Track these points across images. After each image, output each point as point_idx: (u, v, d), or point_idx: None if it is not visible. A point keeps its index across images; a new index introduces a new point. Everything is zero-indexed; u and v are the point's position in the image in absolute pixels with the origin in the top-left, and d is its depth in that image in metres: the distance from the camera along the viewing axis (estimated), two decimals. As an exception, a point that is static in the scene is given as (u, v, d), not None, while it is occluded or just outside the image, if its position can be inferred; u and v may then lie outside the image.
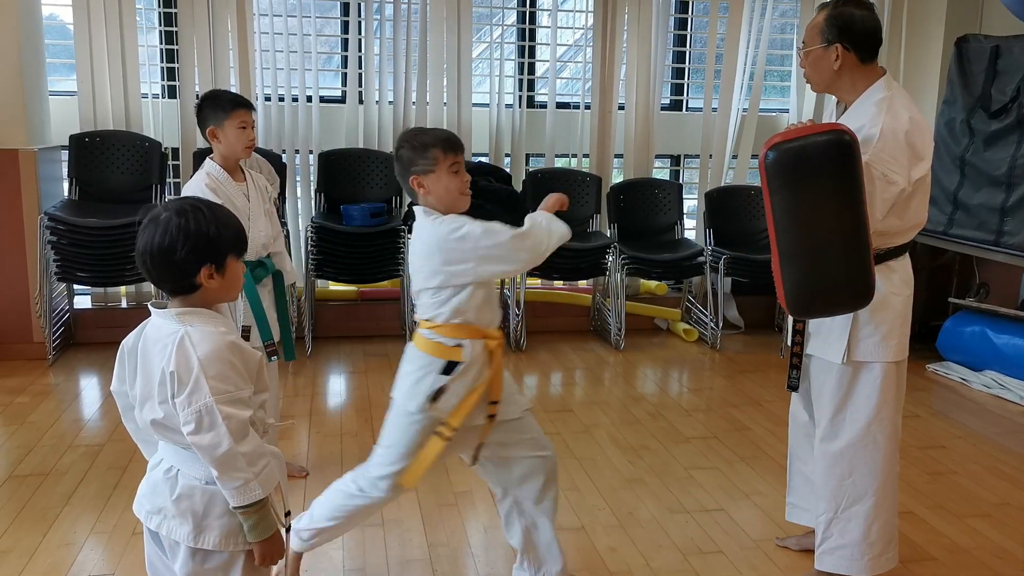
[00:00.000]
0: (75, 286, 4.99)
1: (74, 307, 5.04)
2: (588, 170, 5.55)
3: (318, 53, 5.26)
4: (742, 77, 5.64)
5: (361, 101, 5.31)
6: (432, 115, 5.32)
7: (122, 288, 5.12)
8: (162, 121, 5.08)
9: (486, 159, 5.50)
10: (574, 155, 5.65)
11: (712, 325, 5.32)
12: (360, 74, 5.29)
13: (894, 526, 2.60)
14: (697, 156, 5.81)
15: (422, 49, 5.24)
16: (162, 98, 5.14)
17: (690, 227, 5.82)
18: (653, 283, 5.70)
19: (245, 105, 3.02)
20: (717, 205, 5.49)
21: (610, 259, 5.19)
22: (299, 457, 3.54)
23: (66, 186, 4.88)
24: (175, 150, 5.08)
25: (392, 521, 3.03)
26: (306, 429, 3.86)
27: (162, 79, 5.19)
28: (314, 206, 5.05)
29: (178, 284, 1.69)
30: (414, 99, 5.29)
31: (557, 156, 5.61)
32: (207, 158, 3.04)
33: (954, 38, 5.03)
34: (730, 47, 5.59)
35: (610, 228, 5.42)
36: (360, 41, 5.27)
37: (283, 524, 1.81)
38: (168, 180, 5.01)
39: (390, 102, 5.30)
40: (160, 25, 5.16)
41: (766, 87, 5.94)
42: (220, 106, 2.98)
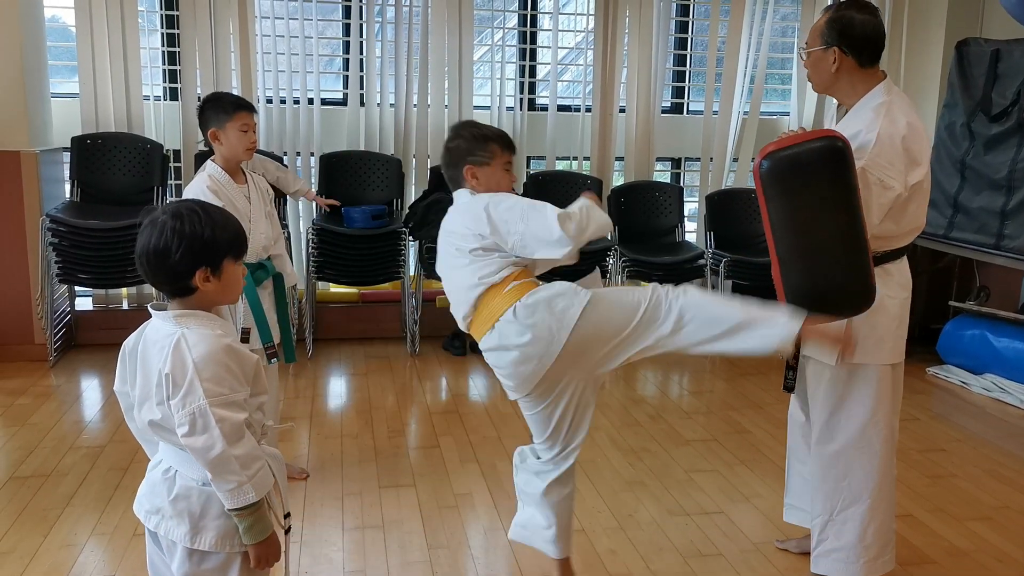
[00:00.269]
0: (76, 288, 4.99)
1: (75, 309, 5.05)
2: (589, 173, 5.55)
3: (319, 55, 5.27)
4: (743, 80, 5.65)
5: (362, 103, 5.32)
6: (433, 117, 5.33)
7: (123, 290, 5.13)
8: (163, 123, 5.09)
9: (487, 161, 5.50)
10: (575, 158, 5.65)
11: (712, 328, 5.31)
12: (361, 76, 5.30)
13: (891, 529, 2.60)
14: (698, 159, 5.81)
15: (423, 52, 5.25)
16: (164, 100, 5.15)
17: (691, 230, 5.82)
18: (654, 286, 5.70)
19: (247, 107, 3.03)
20: (718, 208, 5.49)
21: (611, 261, 5.19)
22: (299, 459, 3.55)
23: (68, 188, 4.89)
24: (176, 152, 5.09)
25: (392, 523, 3.03)
26: (307, 431, 3.86)
27: (164, 81, 5.20)
28: (315, 208, 5.06)
29: (174, 286, 1.70)
30: (415, 101, 5.30)
31: (558, 159, 5.62)
32: (208, 160, 3.05)
33: (955, 41, 5.03)
34: (731, 50, 5.60)
35: (611, 230, 5.42)
36: (361, 44, 5.28)
37: (282, 525, 1.82)
38: (169, 182, 5.02)
39: (391, 104, 5.31)
40: (162, 27, 5.17)
41: (767, 90, 5.95)
42: (222, 108, 2.98)
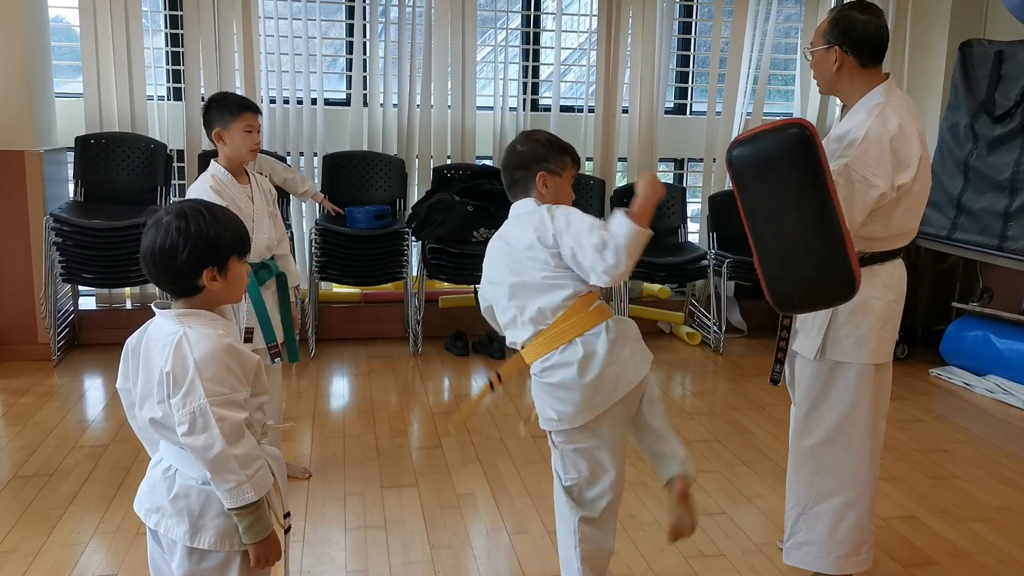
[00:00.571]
0: (80, 287, 5.00)
1: (79, 308, 5.06)
2: (592, 173, 5.55)
3: (323, 56, 5.28)
4: (746, 81, 5.64)
5: (366, 104, 5.33)
6: (436, 118, 5.33)
7: (127, 289, 5.14)
8: (167, 123, 5.10)
9: (490, 162, 5.51)
10: (578, 158, 5.65)
11: (715, 329, 5.33)
12: (365, 77, 5.30)
13: (867, 529, 2.59)
14: (701, 160, 5.81)
15: (426, 52, 5.26)
16: (167, 100, 5.16)
17: (693, 231, 5.82)
18: (656, 286, 5.71)
19: (252, 108, 3.04)
20: (720, 209, 5.49)
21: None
22: (302, 459, 3.55)
23: (72, 187, 4.90)
24: (180, 152, 5.10)
25: (394, 523, 3.03)
26: (309, 431, 3.86)
27: (167, 81, 5.21)
28: (318, 208, 5.06)
29: (180, 286, 1.70)
30: (418, 102, 5.30)
31: (561, 159, 5.61)
32: (212, 160, 3.05)
33: (958, 43, 5.03)
34: (734, 51, 5.60)
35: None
36: (365, 44, 5.28)
37: (283, 525, 1.82)
38: (173, 182, 5.03)
39: (394, 105, 5.31)
40: (166, 27, 5.18)
41: (770, 91, 5.94)
42: (227, 109, 2.99)
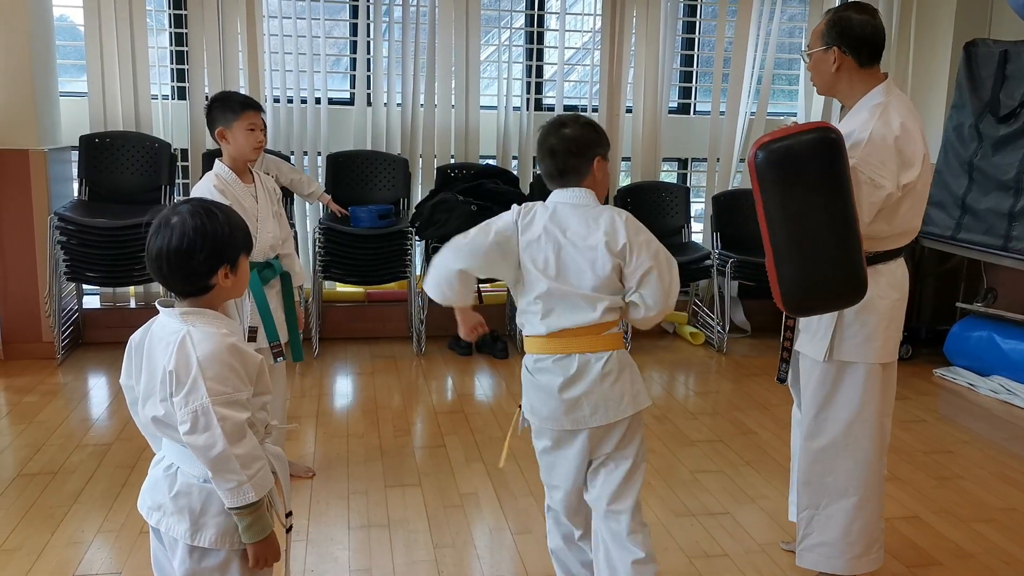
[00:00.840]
0: (84, 286, 5.01)
1: (83, 307, 5.06)
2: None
3: (327, 55, 5.28)
4: (750, 80, 5.64)
5: (369, 103, 5.33)
6: (440, 117, 5.33)
7: (131, 288, 5.15)
8: (171, 122, 5.10)
9: (493, 161, 5.51)
10: (581, 158, 5.64)
11: (719, 328, 5.32)
12: (368, 76, 5.30)
13: (878, 528, 2.59)
14: (704, 159, 5.81)
15: (430, 51, 5.26)
16: (171, 99, 5.17)
17: (697, 230, 5.82)
18: (660, 286, 5.69)
19: (255, 107, 3.04)
20: (724, 209, 5.49)
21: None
22: (305, 458, 3.55)
23: (76, 186, 4.90)
24: (184, 151, 5.10)
25: (398, 522, 3.04)
26: (313, 430, 3.87)
27: (172, 80, 5.21)
28: (322, 208, 5.07)
29: (194, 286, 1.70)
30: (422, 101, 5.30)
31: (564, 159, 5.61)
32: (216, 160, 3.06)
33: (963, 42, 5.01)
34: (738, 50, 5.59)
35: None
36: (369, 43, 5.29)
37: (284, 524, 1.82)
38: (177, 181, 5.04)
39: (398, 104, 5.31)
40: (170, 27, 5.19)
41: (774, 90, 5.93)
42: (230, 107, 2.99)
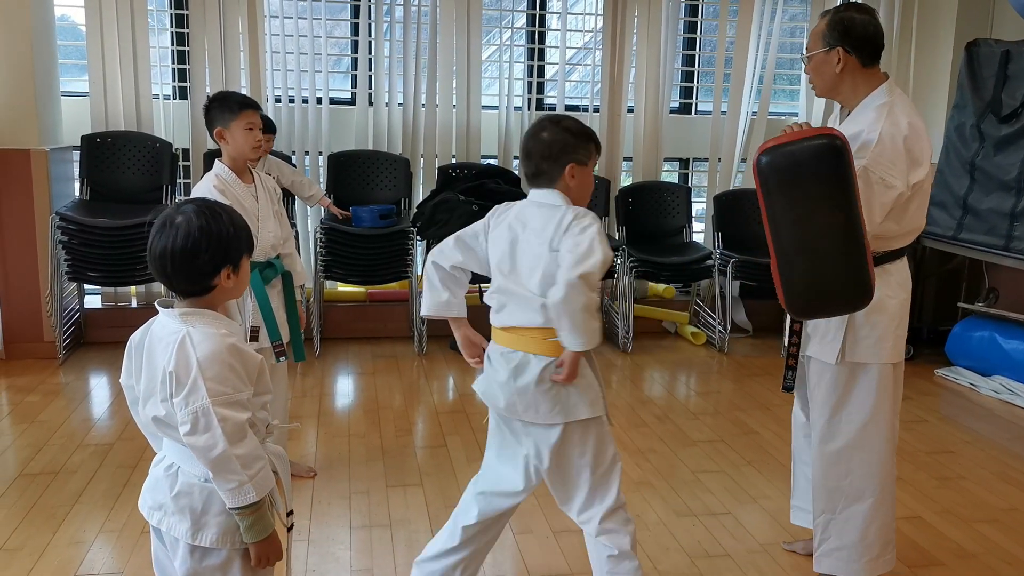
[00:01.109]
0: (85, 286, 5.01)
1: (84, 307, 5.07)
2: (597, 173, 5.53)
3: (328, 55, 5.29)
4: (751, 80, 5.63)
5: (371, 103, 5.33)
6: (441, 117, 5.33)
7: (132, 288, 5.14)
8: (173, 122, 5.11)
9: (495, 161, 5.51)
10: (583, 158, 5.64)
11: (720, 329, 5.32)
12: (370, 76, 5.30)
13: (892, 528, 2.60)
14: (706, 159, 5.81)
15: (432, 51, 5.26)
16: (173, 99, 5.17)
17: (699, 230, 5.82)
18: (661, 286, 5.70)
19: (253, 106, 3.04)
20: (726, 208, 5.49)
21: (618, 262, 5.19)
22: (307, 458, 3.55)
23: (77, 186, 4.91)
24: (186, 151, 5.11)
25: (399, 522, 3.03)
26: (314, 430, 3.87)
27: (173, 80, 5.22)
28: (323, 208, 5.06)
29: (197, 286, 1.70)
30: (423, 101, 5.30)
31: (566, 159, 5.61)
32: (216, 160, 3.06)
33: (964, 42, 5.01)
34: (739, 50, 5.59)
35: (618, 231, 5.42)
36: (370, 43, 5.29)
37: (285, 524, 1.82)
38: (179, 181, 5.04)
39: (399, 104, 5.31)
40: (171, 26, 5.19)
41: (775, 90, 5.93)
42: (228, 107, 2.99)
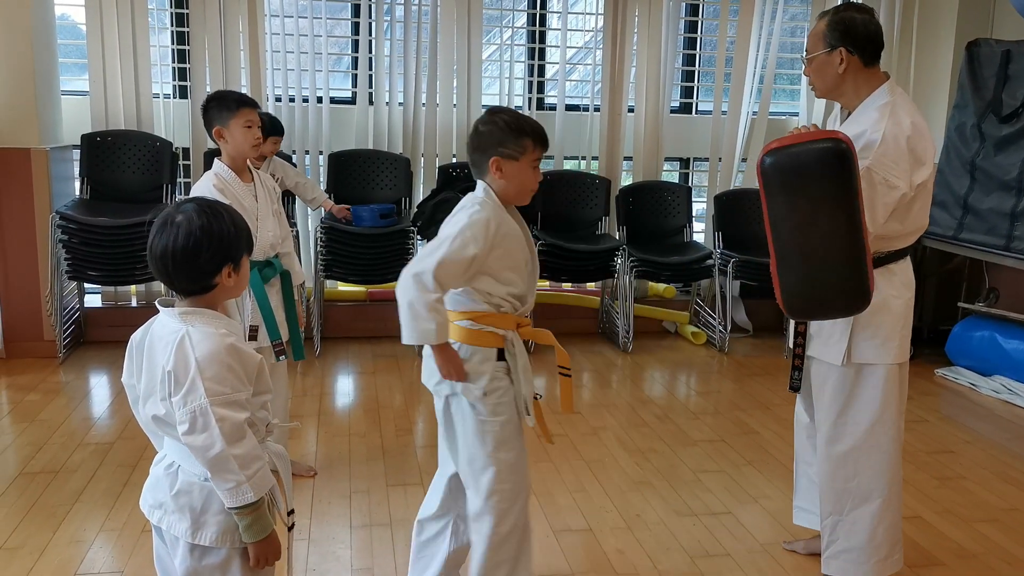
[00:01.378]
0: (86, 285, 5.01)
1: (84, 306, 5.06)
2: (597, 172, 5.55)
3: (328, 54, 5.28)
4: (752, 80, 5.63)
5: (371, 102, 5.33)
6: (442, 117, 5.33)
7: (132, 287, 5.14)
8: (173, 121, 5.11)
9: (495, 161, 5.50)
10: (583, 157, 5.65)
11: (720, 328, 5.32)
12: (370, 75, 5.30)
13: (899, 529, 2.60)
14: (706, 159, 5.80)
15: (432, 51, 5.26)
16: (173, 98, 5.17)
17: (699, 230, 5.82)
18: (661, 286, 5.70)
19: (250, 104, 3.04)
20: (726, 208, 5.48)
21: (619, 262, 5.19)
22: (307, 457, 3.55)
23: (78, 185, 4.90)
24: (186, 150, 5.11)
25: (400, 521, 3.03)
26: (314, 429, 3.87)
27: (173, 79, 5.21)
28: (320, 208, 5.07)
29: (197, 285, 1.70)
30: (424, 100, 5.30)
31: (566, 158, 5.62)
32: (215, 159, 3.06)
33: (965, 42, 5.01)
34: (740, 50, 5.59)
35: (619, 231, 5.42)
36: (370, 42, 5.29)
37: (286, 523, 1.82)
38: (179, 180, 5.04)
39: (400, 103, 5.31)
40: (172, 25, 5.19)
41: (776, 90, 5.93)
42: (226, 106, 3.00)
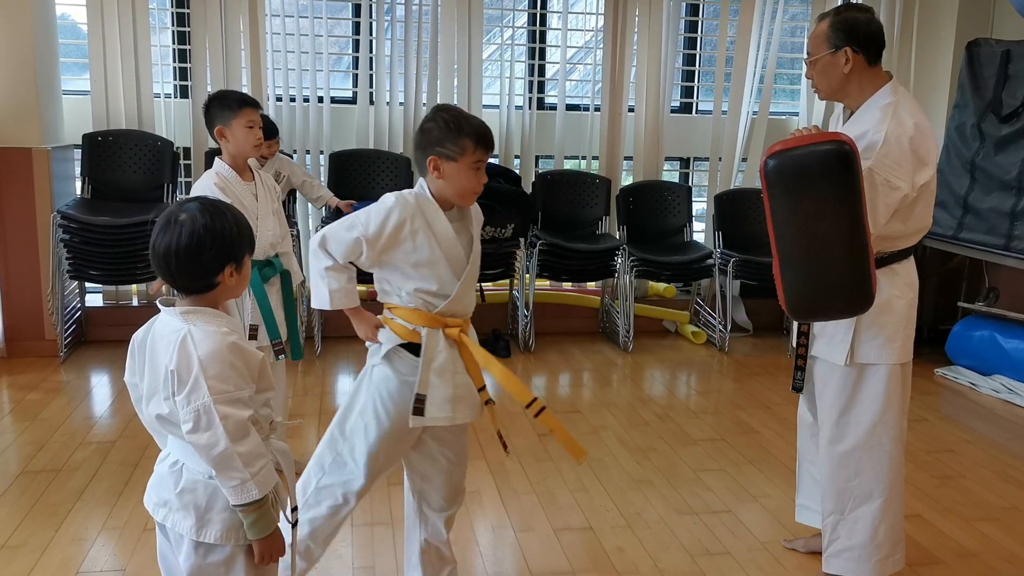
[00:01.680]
0: (87, 284, 5.02)
1: (86, 305, 5.07)
2: (598, 172, 5.55)
3: (329, 54, 5.29)
4: (752, 80, 5.64)
5: (372, 102, 5.33)
6: (442, 116, 5.32)
7: (133, 286, 5.13)
8: (174, 121, 5.11)
9: (496, 160, 5.51)
10: (583, 157, 5.66)
11: (720, 328, 5.33)
12: (371, 75, 5.31)
13: (900, 528, 2.61)
14: (707, 159, 5.81)
15: (433, 50, 5.26)
16: (174, 98, 5.17)
17: (699, 230, 5.82)
18: (662, 285, 5.71)
19: (252, 104, 3.05)
20: (726, 208, 5.49)
21: (619, 261, 5.19)
22: (308, 456, 3.55)
23: (79, 185, 4.91)
24: (187, 150, 5.11)
25: (401, 520, 3.03)
26: (315, 428, 3.88)
27: (174, 79, 5.22)
28: (325, 206, 5.06)
29: (199, 283, 1.70)
30: (424, 100, 5.30)
31: (566, 158, 5.62)
32: (216, 158, 3.06)
33: (965, 42, 5.02)
34: (740, 50, 5.59)
35: (619, 230, 5.42)
36: (371, 42, 5.29)
37: (289, 520, 1.83)
38: (180, 179, 5.04)
39: (401, 103, 5.32)
40: (173, 25, 5.19)
41: (776, 90, 5.94)
42: (227, 105, 3.00)
